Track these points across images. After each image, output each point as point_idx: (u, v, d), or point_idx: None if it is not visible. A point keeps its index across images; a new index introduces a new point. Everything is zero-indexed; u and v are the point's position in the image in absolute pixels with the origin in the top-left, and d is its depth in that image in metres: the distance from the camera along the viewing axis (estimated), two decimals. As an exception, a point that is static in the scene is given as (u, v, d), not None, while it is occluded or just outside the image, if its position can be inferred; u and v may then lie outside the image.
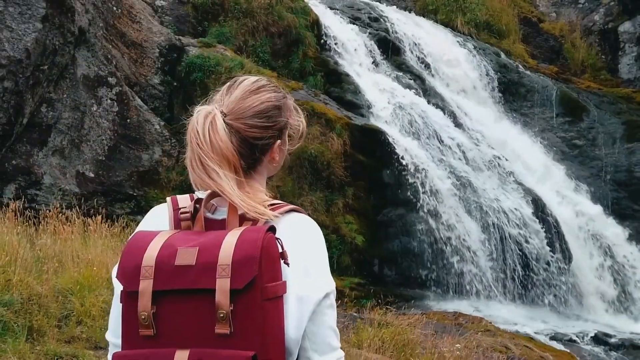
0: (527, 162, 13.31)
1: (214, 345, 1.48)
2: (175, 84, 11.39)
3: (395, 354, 5.54)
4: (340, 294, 9.11)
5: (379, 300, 7.86)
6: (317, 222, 1.75)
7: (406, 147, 11.59)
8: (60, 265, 5.73)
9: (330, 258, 10.94)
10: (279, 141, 1.77)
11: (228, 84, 1.78)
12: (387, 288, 10.32)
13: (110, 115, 10.25)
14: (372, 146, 11.59)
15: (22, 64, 8.97)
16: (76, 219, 7.08)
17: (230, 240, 1.51)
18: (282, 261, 1.54)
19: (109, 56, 10.53)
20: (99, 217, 7.27)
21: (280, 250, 1.54)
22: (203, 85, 10.99)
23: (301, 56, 12.99)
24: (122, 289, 1.56)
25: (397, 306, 8.44)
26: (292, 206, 1.69)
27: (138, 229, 1.69)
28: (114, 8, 11.10)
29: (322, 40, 13.75)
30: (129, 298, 1.53)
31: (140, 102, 10.81)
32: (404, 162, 11.29)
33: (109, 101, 10.25)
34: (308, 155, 10.94)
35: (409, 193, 11.17)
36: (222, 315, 1.46)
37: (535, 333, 9.43)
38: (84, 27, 10.01)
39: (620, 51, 16.43)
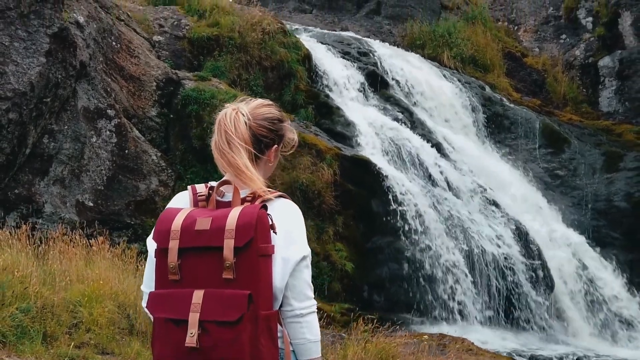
0: (511, 192, 13.73)
1: (221, 287, 2.07)
2: (171, 116, 11.65)
3: (379, 366, 5.91)
4: (330, 319, 9.39)
5: (365, 319, 8.16)
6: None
7: (394, 177, 11.92)
8: (69, 280, 6.17)
9: (321, 284, 11.08)
10: (276, 145, 2.44)
11: (246, 100, 2.47)
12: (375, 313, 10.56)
13: (109, 146, 10.57)
14: (362, 176, 11.89)
15: (27, 97, 9.33)
16: (79, 241, 7.46)
17: (234, 213, 2.13)
18: (271, 231, 2.14)
19: (109, 89, 10.91)
20: (101, 238, 7.66)
21: (270, 222, 2.15)
22: (198, 117, 11.29)
23: (293, 89, 13.28)
24: (155, 247, 2.18)
25: (383, 327, 8.72)
26: (281, 193, 2.35)
27: (167, 207, 2.33)
28: (114, 43, 11.54)
29: (313, 74, 14.16)
30: (161, 253, 2.17)
31: (138, 134, 11.12)
32: (391, 192, 11.64)
33: (108, 132, 10.59)
34: (299, 185, 11.23)
35: (396, 221, 11.50)
36: (228, 265, 2.07)
37: (517, 355, 9.75)
38: (85, 62, 10.41)
39: (600, 85, 17.01)
